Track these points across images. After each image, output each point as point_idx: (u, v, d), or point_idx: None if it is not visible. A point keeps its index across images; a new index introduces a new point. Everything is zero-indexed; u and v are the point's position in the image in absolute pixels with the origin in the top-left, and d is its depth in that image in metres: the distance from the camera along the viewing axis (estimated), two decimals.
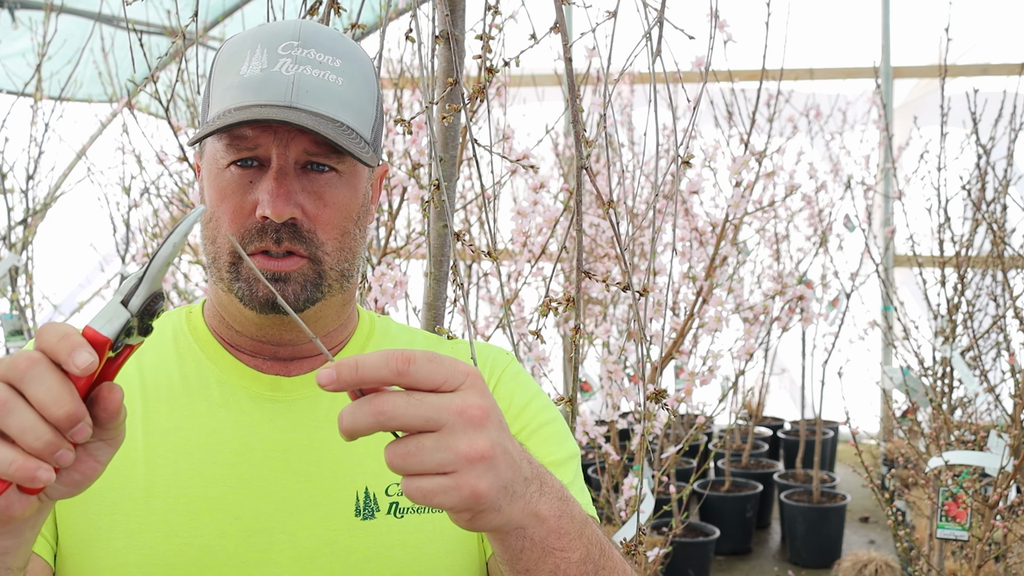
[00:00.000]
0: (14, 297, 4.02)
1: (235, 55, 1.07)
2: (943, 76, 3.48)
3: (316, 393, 1.11)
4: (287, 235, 1.04)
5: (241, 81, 1.04)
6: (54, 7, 4.13)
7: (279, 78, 1.03)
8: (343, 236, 1.08)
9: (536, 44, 1.49)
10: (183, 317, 1.19)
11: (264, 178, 1.05)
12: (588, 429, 2.71)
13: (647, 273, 1.45)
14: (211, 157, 1.08)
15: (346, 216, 1.09)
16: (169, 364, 1.13)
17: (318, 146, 1.05)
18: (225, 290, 1.08)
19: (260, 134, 1.04)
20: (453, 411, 0.74)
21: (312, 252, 1.06)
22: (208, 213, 1.08)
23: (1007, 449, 2.44)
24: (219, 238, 1.07)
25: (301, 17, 1.61)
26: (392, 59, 4.06)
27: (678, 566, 4.34)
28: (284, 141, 1.04)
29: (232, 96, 1.04)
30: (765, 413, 6.63)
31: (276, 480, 1.07)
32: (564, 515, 0.86)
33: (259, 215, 1.04)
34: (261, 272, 1.04)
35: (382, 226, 2.84)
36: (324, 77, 1.04)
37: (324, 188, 1.07)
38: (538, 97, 5.37)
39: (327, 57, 1.06)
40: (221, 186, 1.07)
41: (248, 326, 1.12)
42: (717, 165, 4.42)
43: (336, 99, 1.05)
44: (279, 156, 1.04)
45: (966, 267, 3.46)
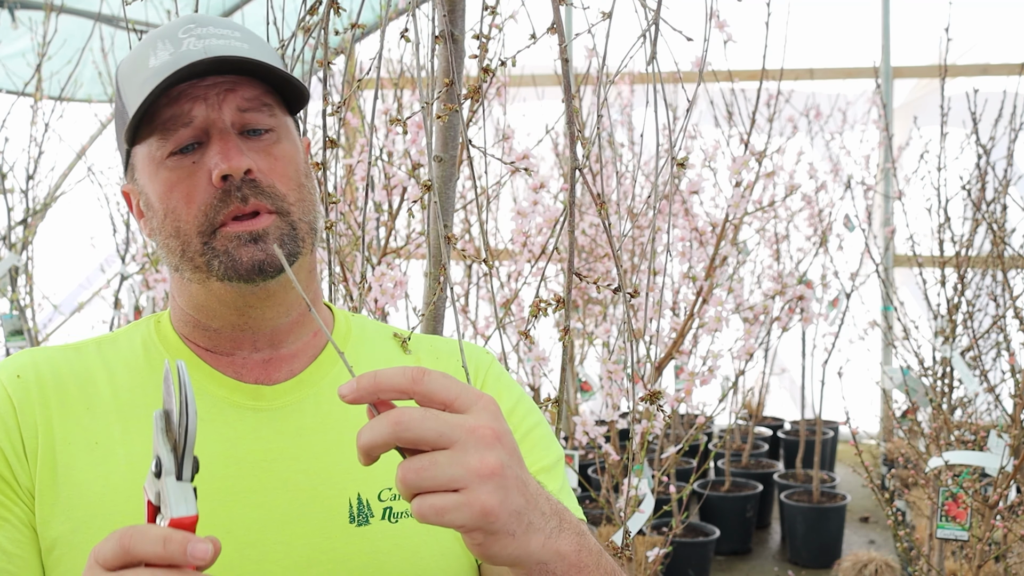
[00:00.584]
0: (14, 297, 4.02)
1: (137, 60, 1.07)
2: (943, 76, 3.48)
3: (299, 400, 1.10)
4: (250, 191, 1.04)
5: (153, 70, 1.04)
6: (54, 7, 4.13)
7: (190, 52, 1.04)
8: (300, 189, 1.09)
9: (534, 44, 1.49)
10: (151, 327, 1.16)
11: (208, 147, 1.04)
12: (588, 429, 2.71)
13: (648, 273, 1.45)
14: (146, 160, 1.07)
15: (297, 169, 1.09)
16: (144, 380, 1.10)
17: (249, 101, 1.06)
18: (202, 277, 1.06)
19: (191, 107, 1.04)
20: (466, 429, 0.76)
21: (278, 206, 1.05)
22: (160, 211, 1.06)
23: (1007, 449, 2.44)
24: (181, 225, 1.05)
25: (300, 17, 1.61)
26: (392, 59, 4.06)
27: (678, 566, 4.34)
28: (216, 105, 1.04)
29: (150, 84, 1.03)
30: (765, 413, 6.63)
31: (266, 491, 1.05)
32: (583, 549, 0.87)
33: (216, 178, 1.03)
34: (238, 235, 1.03)
35: (382, 226, 2.84)
36: (230, 43, 1.06)
37: (268, 146, 1.07)
38: (538, 97, 5.37)
39: (226, 30, 1.08)
40: (166, 177, 1.05)
41: (227, 314, 1.09)
42: (717, 165, 4.42)
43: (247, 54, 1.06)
44: (216, 120, 1.04)
45: (966, 267, 3.46)
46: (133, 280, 4.45)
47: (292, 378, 1.12)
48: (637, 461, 2.65)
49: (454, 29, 1.56)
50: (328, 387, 1.12)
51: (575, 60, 5.79)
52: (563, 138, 4.91)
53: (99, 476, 1.03)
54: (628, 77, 5.17)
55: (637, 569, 3.03)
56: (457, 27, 1.56)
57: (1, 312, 4.14)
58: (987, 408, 3.88)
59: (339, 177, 2.75)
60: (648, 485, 2.47)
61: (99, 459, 1.04)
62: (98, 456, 1.04)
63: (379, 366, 1.15)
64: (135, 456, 1.05)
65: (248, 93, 1.06)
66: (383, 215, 2.83)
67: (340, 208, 2.87)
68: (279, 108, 1.09)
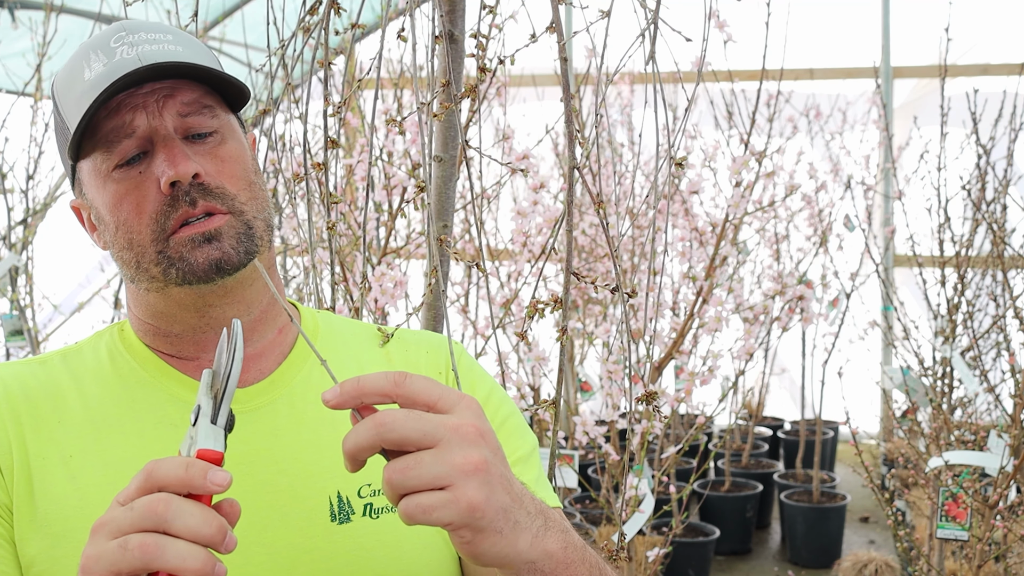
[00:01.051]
0: (14, 297, 4.03)
1: (72, 72, 1.06)
2: (943, 76, 3.48)
3: (272, 401, 1.10)
4: (198, 194, 1.03)
5: (90, 83, 1.03)
6: (54, 7, 4.13)
7: (124, 61, 1.03)
8: (251, 187, 1.08)
9: (533, 43, 1.49)
10: (115, 336, 1.14)
11: (153, 156, 1.03)
12: (588, 429, 2.71)
13: (648, 273, 1.45)
14: (93, 174, 1.06)
15: (245, 167, 1.09)
16: (114, 390, 1.09)
17: (188, 105, 1.05)
18: (160, 285, 1.05)
19: (132, 117, 1.02)
20: (449, 427, 0.78)
21: (229, 205, 1.05)
22: (112, 224, 1.05)
23: (1007, 449, 2.44)
24: (134, 235, 1.04)
25: (301, 17, 1.61)
26: (392, 59, 4.06)
27: (678, 566, 4.34)
28: (156, 112, 1.03)
29: (88, 97, 1.02)
30: (765, 413, 6.63)
31: (245, 494, 1.03)
32: (569, 546, 0.88)
33: (164, 185, 1.02)
34: (191, 238, 1.02)
35: (382, 226, 2.84)
36: (164, 48, 1.05)
37: (213, 148, 1.06)
38: (538, 97, 5.38)
39: (157, 35, 1.07)
40: (114, 190, 1.04)
41: (188, 317, 1.08)
42: (717, 165, 4.42)
43: (182, 59, 1.05)
44: (159, 127, 1.03)
45: (966, 267, 3.46)
46: None
47: (263, 379, 1.11)
48: (637, 461, 2.65)
49: (454, 29, 1.56)
50: (300, 386, 1.12)
51: (575, 60, 5.79)
52: (563, 138, 4.92)
53: (75, 490, 1.02)
54: (628, 77, 5.17)
55: (637, 569, 3.03)
56: (457, 27, 1.56)
57: (1, 312, 4.14)
58: (987, 408, 3.88)
59: (339, 177, 2.75)
60: (648, 485, 2.47)
61: (74, 473, 1.02)
62: (73, 470, 1.03)
63: (349, 362, 1.16)
64: (110, 468, 1.03)
65: (187, 97, 1.05)
66: (383, 215, 2.83)
67: (340, 208, 2.87)
68: (220, 108, 1.08)
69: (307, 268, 2.18)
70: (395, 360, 1.20)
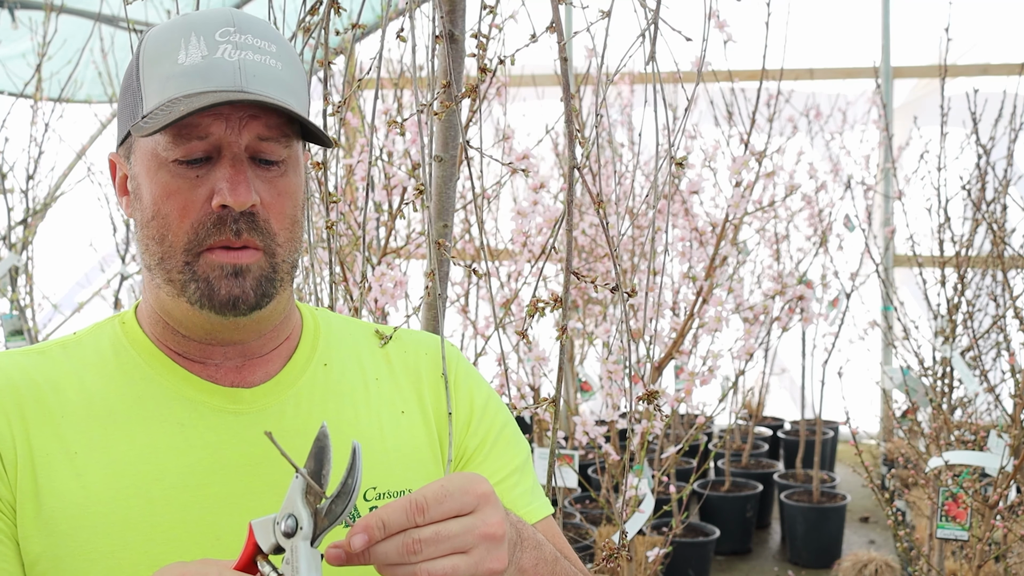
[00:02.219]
0: (14, 297, 4.03)
1: (166, 44, 1.03)
2: (943, 76, 3.48)
3: (280, 402, 1.10)
4: (246, 226, 1.02)
5: (182, 70, 1.01)
6: (54, 7, 4.13)
7: (223, 64, 1.01)
8: (293, 226, 1.08)
9: (533, 43, 1.49)
10: (118, 328, 1.12)
11: (217, 168, 1.02)
12: (588, 429, 2.71)
13: (648, 273, 1.45)
14: (149, 153, 1.04)
15: (296, 205, 1.08)
16: (118, 384, 1.07)
17: (270, 130, 1.03)
18: (175, 293, 1.04)
19: (211, 122, 1.01)
20: (478, 535, 0.86)
21: (267, 244, 1.04)
22: (150, 212, 1.04)
23: (1007, 449, 2.44)
24: (169, 235, 1.02)
25: (301, 17, 1.61)
26: (392, 59, 4.06)
27: (678, 566, 4.34)
28: (236, 128, 1.02)
29: (175, 85, 1.01)
30: (765, 413, 6.62)
31: (252, 495, 1.04)
32: (540, 561, 1.00)
33: (217, 204, 1.01)
34: (221, 266, 1.02)
35: (382, 226, 2.84)
36: (265, 62, 1.04)
37: (275, 179, 1.05)
38: (538, 97, 5.37)
39: (264, 42, 1.05)
40: (165, 182, 1.02)
41: (196, 330, 1.07)
42: (717, 165, 4.42)
43: (280, 84, 1.04)
44: (233, 143, 1.02)
45: (966, 267, 3.46)
46: (133, 280, 4.45)
47: (269, 380, 1.11)
48: (637, 461, 2.65)
49: (454, 29, 1.56)
50: (306, 387, 1.12)
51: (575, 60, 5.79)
52: (563, 138, 4.92)
53: (80, 488, 1.01)
54: (628, 77, 5.16)
55: (637, 569, 3.03)
56: (457, 27, 1.56)
57: (1, 312, 4.14)
58: (987, 408, 3.88)
59: (339, 177, 2.75)
60: (648, 485, 2.47)
61: (79, 470, 1.01)
62: (78, 467, 1.02)
63: (347, 361, 1.17)
64: (116, 466, 1.02)
65: (271, 121, 1.04)
66: (383, 215, 2.83)
67: (340, 208, 2.87)
68: (295, 137, 1.08)
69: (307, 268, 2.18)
70: (395, 361, 1.20)
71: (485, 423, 1.20)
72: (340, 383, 1.15)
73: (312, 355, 1.15)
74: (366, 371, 1.17)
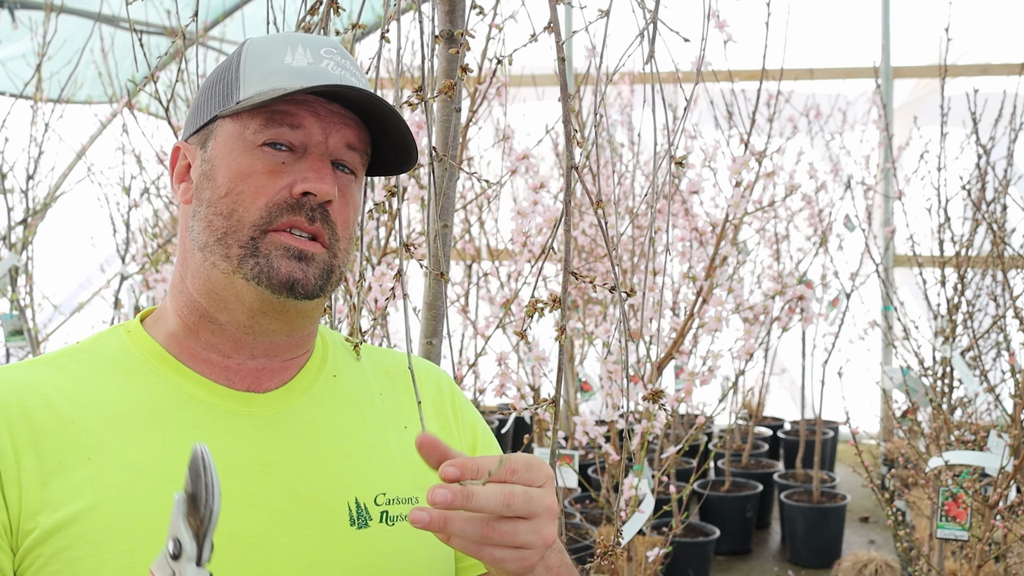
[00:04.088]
0: (14, 297, 4.03)
1: (273, 49, 1.09)
2: (943, 76, 3.48)
3: (292, 407, 1.11)
4: (320, 216, 1.06)
5: (289, 69, 1.06)
6: (54, 7, 4.13)
7: (328, 73, 1.07)
8: (351, 239, 1.12)
9: (532, 43, 1.49)
10: (123, 337, 1.12)
11: (302, 160, 1.06)
12: (588, 429, 2.71)
13: (647, 273, 1.45)
14: (235, 136, 1.07)
15: (355, 220, 1.13)
16: (130, 389, 1.07)
17: (359, 141, 1.09)
18: (229, 269, 1.05)
19: (306, 115, 1.06)
20: (544, 506, 0.92)
21: (331, 242, 1.08)
22: (224, 188, 1.06)
23: (1007, 449, 2.44)
24: (239, 210, 1.05)
25: (300, 18, 1.61)
26: (392, 59, 4.06)
27: (678, 566, 4.34)
28: (329, 129, 1.07)
29: (278, 79, 1.06)
30: (765, 413, 6.63)
31: (265, 495, 1.05)
32: (563, 564, 1.06)
33: (298, 191, 1.05)
34: (287, 247, 1.04)
35: (382, 226, 2.84)
36: (360, 83, 1.10)
37: (347, 187, 1.10)
38: (538, 97, 5.38)
39: (358, 72, 1.12)
40: (249, 163, 1.06)
41: (239, 311, 1.08)
42: (717, 165, 4.42)
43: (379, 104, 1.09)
44: (321, 143, 1.07)
45: (966, 267, 3.46)
46: (133, 280, 4.45)
47: (282, 386, 1.12)
48: (637, 461, 2.65)
49: (453, 28, 1.56)
50: (318, 394, 1.14)
51: (575, 60, 5.79)
52: (563, 138, 4.91)
53: (93, 490, 1.00)
54: (628, 77, 5.17)
55: (637, 569, 3.03)
56: (457, 27, 1.56)
57: (1, 312, 4.14)
58: (987, 408, 3.88)
59: None
60: (648, 485, 2.47)
61: (93, 473, 1.01)
62: (92, 470, 1.01)
63: (353, 375, 1.20)
64: (129, 467, 1.02)
65: (362, 136, 1.10)
66: (383, 215, 2.83)
67: None
68: (367, 164, 1.13)
69: None
70: (396, 381, 1.23)
71: (483, 447, 1.26)
72: (349, 394, 1.17)
73: (323, 366, 1.17)
74: (370, 386, 1.20)
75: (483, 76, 2.21)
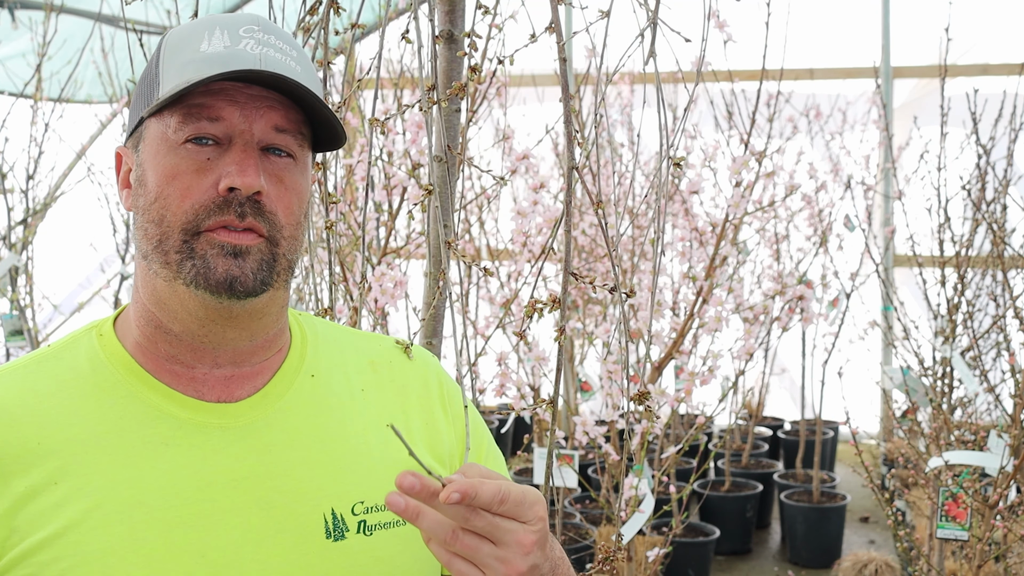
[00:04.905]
0: (14, 297, 4.03)
1: (190, 36, 1.03)
2: (943, 76, 3.48)
3: (265, 416, 1.07)
4: (251, 210, 1.01)
5: (203, 56, 1.01)
6: (54, 7, 4.13)
7: (245, 54, 1.01)
8: (297, 225, 1.06)
9: (532, 43, 1.49)
10: (95, 341, 1.08)
11: (227, 153, 1.01)
12: (588, 429, 2.71)
13: (647, 273, 1.45)
14: (159, 137, 1.02)
15: (300, 203, 1.07)
16: (98, 405, 1.02)
17: (288, 123, 1.03)
18: (170, 275, 1.01)
19: (225, 106, 1.00)
20: (515, 539, 0.90)
21: (271, 233, 1.02)
22: (153, 194, 1.02)
23: (1007, 449, 2.44)
24: (168, 216, 1.00)
25: (300, 18, 1.61)
26: (392, 59, 4.06)
27: (678, 566, 4.34)
28: (251, 116, 1.01)
29: (194, 69, 1.00)
30: (765, 413, 6.63)
31: (238, 511, 1.02)
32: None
33: (223, 187, 0.99)
34: (221, 244, 1.00)
35: (382, 226, 2.84)
36: (286, 62, 1.03)
37: (283, 172, 1.04)
38: (538, 97, 5.37)
39: (286, 46, 1.05)
40: (173, 163, 1.01)
41: (189, 321, 1.04)
42: (717, 165, 4.42)
43: (302, 82, 1.03)
44: (245, 131, 1.01)
45: (966, 267, 3.46)
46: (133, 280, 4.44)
47: (255, 393, 1.08)
48: (637, 461, 2.65)
49: (453, 29, 1.56)
50: (292, 400, 1.10)
51: (575, 60, 5.79)
52: (563, 138, 4.92)
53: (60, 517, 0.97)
54: (628, 77, 5.17)
55: (637, 569, 3.03)
56: (456, 27, 1.56)
57: (1, 312, 4.14)
58: (987, 408, 3.88)
59: (339, 177, 2.75)
60: (648, 485, 2.47)
61: (59, 500, 0.97)
62: (59, 496, 0.98)
63: (333, 372, 1.14)
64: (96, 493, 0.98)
65: (291, 116, 1.04)
66: (383, 215, 2.84)
67: (340, 208, 2.87)
68: (307, 142, 1.07)
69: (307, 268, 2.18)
70: (381, 373, 1.18)
71: (483, 448, 1.23)
72: (327, 396, 1.12)
73: (300, 366, 1.13)
74: (351, 382, 1.15)
75: (483, 76, 2.21)
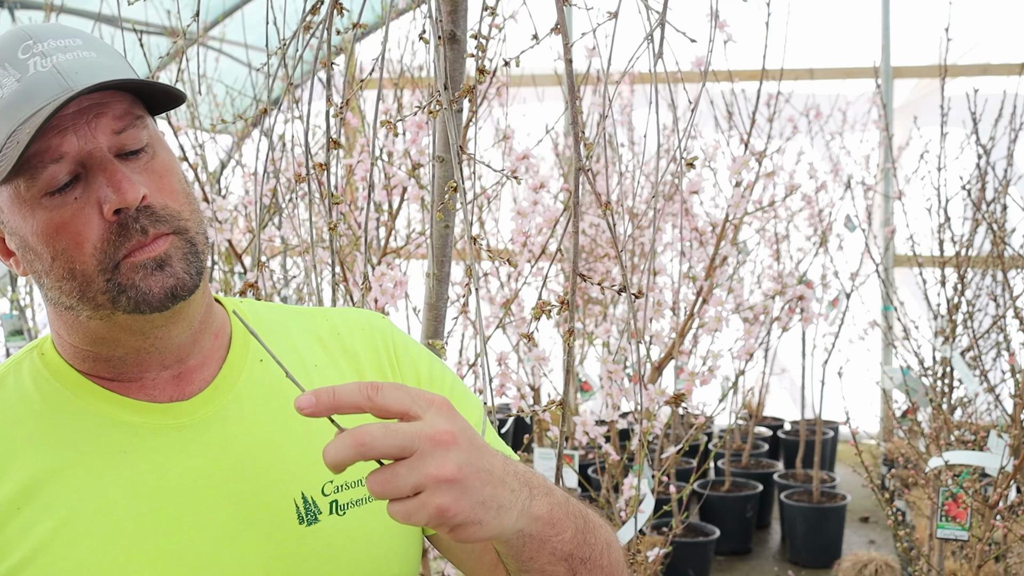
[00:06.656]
0: (14, 297, 4.03)
1: None
2: (943, 76, 3.48)
3: (220, 409, 1.05)
4: (148, 220, 0.97)
5: (5, 104, 0.95)
6: (54, 7, 4.13)
7: (40, 77, 0.95)
8: (188, 199, 1.03)
9: (536, 45, 1.49)
10: (37, 362, 1.05)
11: (92, 180, 0.96)
12: (588, 429, 2.71)
13: (647, 273, 1.45)
14: (15, 200, 0.97)
15: (180, 178, 1.03)
16: (50, 424, 1.01)
17: (121, 119, 0.98)
18: (106, 313, 0.99)
19: (60, 141, 0.95)
20: (423, 437, 0.82)
21: (175, 226, 0.99)
22: (47, 254, 0.97)
23: (1007, 449, 2.44)
24: (77, 266, 0.96)
25: (302, 18, 1.61)
26: (392, 59, 4.06)
27: (678, 566, 4.34)
28: (89, 134, 0.96)
29: (6, 122, 0.95)
30: (765, 413, 6.62)
31: (208, 509, 1.00)
32: (555, 505, 0.95)
33: (108, 212, 0.95)
34: (143, 264, 0.97)
35: (382, 226, 2.84)
36: (79, 56, 0.98)
37: (148, 164, 1.00)
38: (538, 97, 5.38)
39: (66, 40, 0.99)
40: (47, 218, 0.96)
41: (132, 340, 1.02)
42: (717, 165, 4.42)
43: (102, 69, 0.98)
44: (94, 150, 0.96)
45: (966, 267, 3.46)
46: None
47: (207, 387, 1.06)
48: (637, 461, 2.65)
49: (456, 29, 1.56)
50: (245, 386, 1.08)
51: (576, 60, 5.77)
52: (563, 138, 4.92)
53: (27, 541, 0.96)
54: (629, 77, 5.17)
55: (637, 569, 3.03)
56: (459, 27, 1.56)
57: (1, 312, 4.14)
58: (987, 408, 3.88)
59: (339, 177, 2.75)
60: (648, 485, 2.47)
61: (25, 524, 0.96)
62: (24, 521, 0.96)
63: (282, 352, 1.11)
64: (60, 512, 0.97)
65: (117, 110, 0.98)
66: (383, 215, 2.84)
67: (340, 208, 2.87)
68: (144, 111, 1.02)
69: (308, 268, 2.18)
70: (330, 345, 1.16)
71: (435, 388, 1.18)
72: (279, 378, 1.08)
73: (246, 352, 1.10)
74: (304, 360, 1.13)
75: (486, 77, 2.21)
